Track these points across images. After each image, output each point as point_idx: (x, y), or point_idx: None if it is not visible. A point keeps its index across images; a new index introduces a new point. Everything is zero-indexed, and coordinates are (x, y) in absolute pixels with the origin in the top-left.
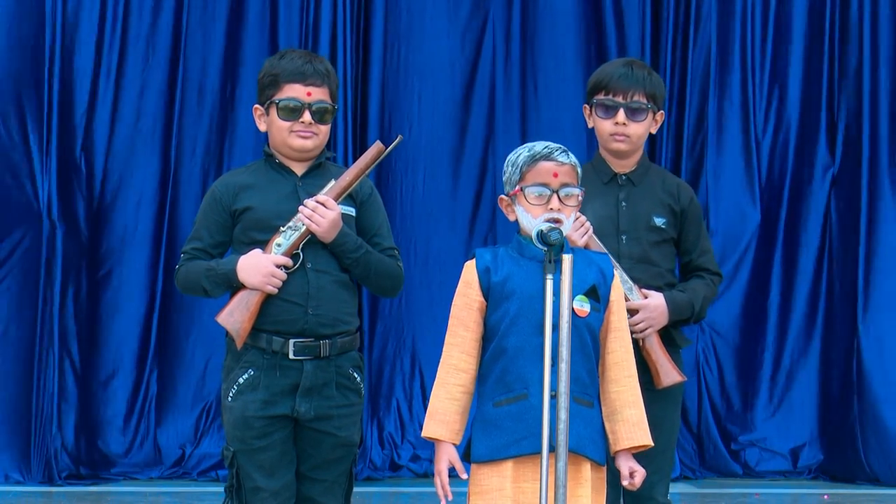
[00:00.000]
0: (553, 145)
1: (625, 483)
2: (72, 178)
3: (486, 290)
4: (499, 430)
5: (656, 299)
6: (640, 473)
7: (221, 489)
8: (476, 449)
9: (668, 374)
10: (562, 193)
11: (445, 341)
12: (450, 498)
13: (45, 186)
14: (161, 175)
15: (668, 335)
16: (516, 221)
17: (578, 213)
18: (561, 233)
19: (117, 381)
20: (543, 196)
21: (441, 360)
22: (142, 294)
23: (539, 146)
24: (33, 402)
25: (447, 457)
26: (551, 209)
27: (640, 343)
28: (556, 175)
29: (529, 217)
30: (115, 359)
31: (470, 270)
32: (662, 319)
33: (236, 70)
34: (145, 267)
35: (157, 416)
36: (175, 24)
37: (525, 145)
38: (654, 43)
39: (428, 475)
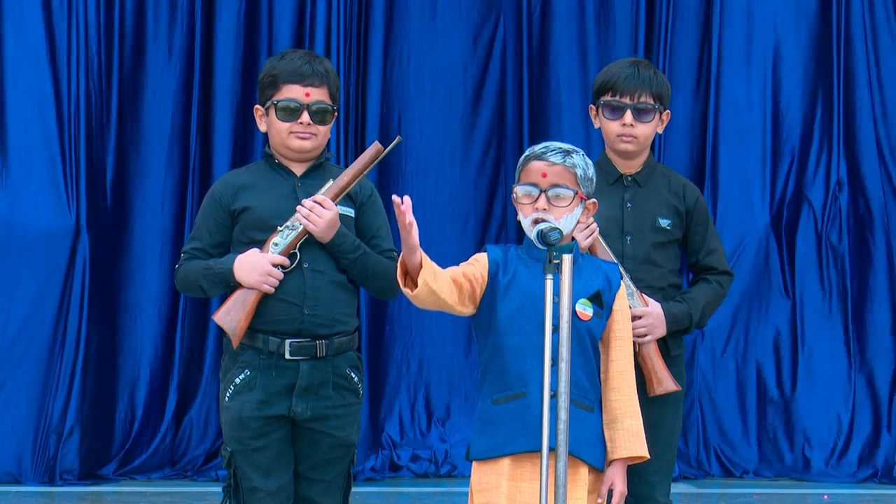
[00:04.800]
0: (555, 145)
1: (599, 499)
2: (94, 182)
3: (492, 277)
4: (496, 427)
5: (657, 308)
6: (619, 493)
7: (221, 489)
8: (474, 446)
9: (663, 382)
10: (550, 193)
11: None
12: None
13: (71, 191)
14: (180, 178)
15: (661, 343)
16: None
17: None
18: (561, 233)
19: (122, 383)
20: (532, 195)
21: None
22: (157, 297)
23: (539, 146)
24: (36, 401)
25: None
26: (536, 209)
27: (638, 349)
28: (544, 175)
29: (522, 216)
30: (122, 360)
31: (480, 255)
32: (662, 329)
33: (250, 71)
34: (162, 269)
35: (163, 418)
36: (189, 26)
37: (534, 145)
38: (668, 42)
39: (428, 475)
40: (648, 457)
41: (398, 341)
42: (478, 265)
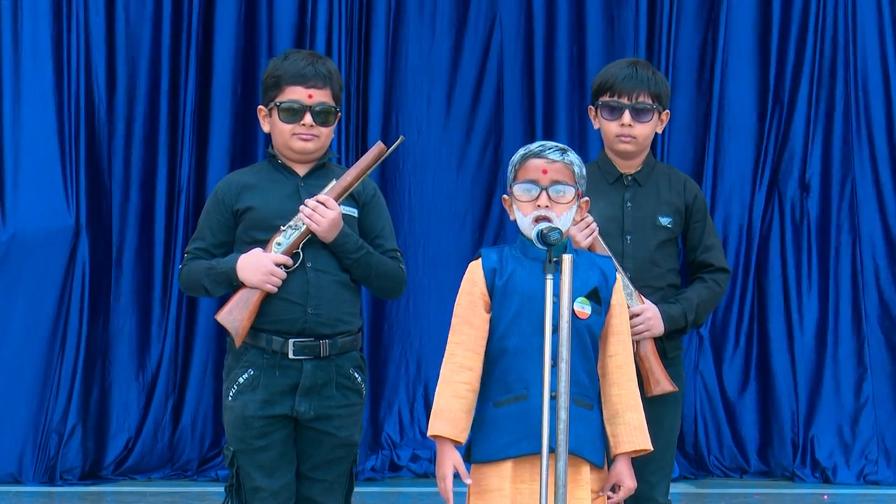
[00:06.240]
0: (550, 144)
1: (605, 493)
2: (94, 182)
3: (492, 288)
4: (498, 430)
5: (654, 307)
6: (626, 489)
7: (222, 489)
8: (476, 449)
9: (659, 382)
10: (551, 191)
11: (449, 340)
12: None
13: (70, 192)
14: (178, 178)
15: (658, 345)
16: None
17: (586, 214)
18: (560, 233)
19: (123, 383)
20: (532, 193)
21: (445, 358)
22: (156, 297)
23: (535, 144)
24: (36, 401)
25: (451, 461)
26: (539, 206)
27: (635, 348)
28: (545, 172)
29: (521, 215)
30: (122, 360)
31: (476, 270)
32: (660, 328)
33: (249, 71)
34: (162, 269)
35: (163, 418)
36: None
37: (527, 145)
38: (673, 42)
39: (428, 475)
40: (651, 449)
41: (397, 341)
42: (476, 290)
